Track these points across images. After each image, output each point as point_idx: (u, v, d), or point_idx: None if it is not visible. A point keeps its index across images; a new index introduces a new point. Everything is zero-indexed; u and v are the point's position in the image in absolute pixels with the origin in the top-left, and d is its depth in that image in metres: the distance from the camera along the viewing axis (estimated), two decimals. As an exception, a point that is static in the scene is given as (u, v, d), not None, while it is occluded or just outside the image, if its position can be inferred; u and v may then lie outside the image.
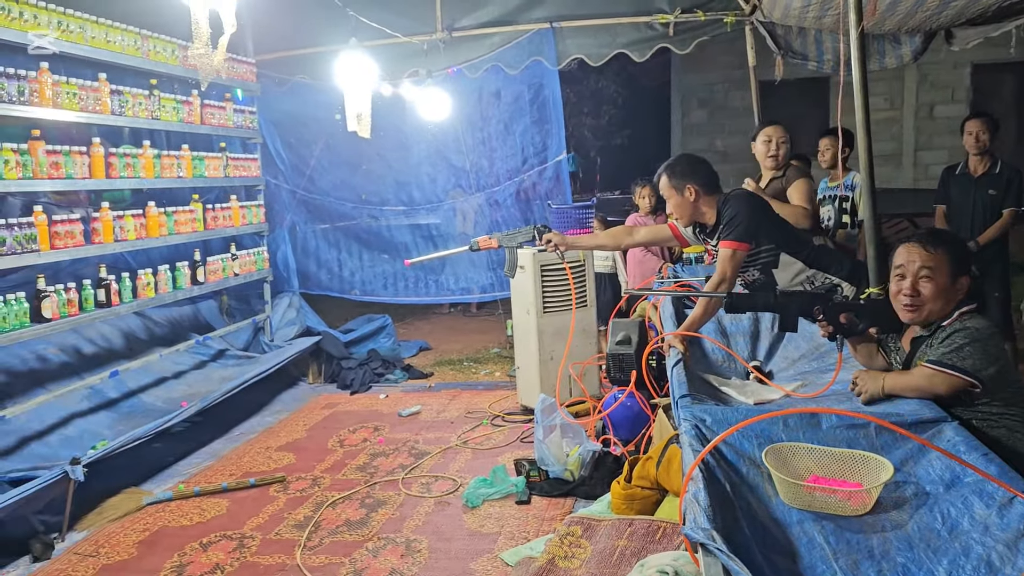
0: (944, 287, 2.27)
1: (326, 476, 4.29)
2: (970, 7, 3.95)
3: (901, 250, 2.36)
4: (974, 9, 3.98)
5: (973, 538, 1.67)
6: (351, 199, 6.77)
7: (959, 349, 2.18)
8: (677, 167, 3.31)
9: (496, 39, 5.82)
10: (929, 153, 9.93)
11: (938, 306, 2.29)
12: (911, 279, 2.29)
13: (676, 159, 3.41)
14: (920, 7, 4.04)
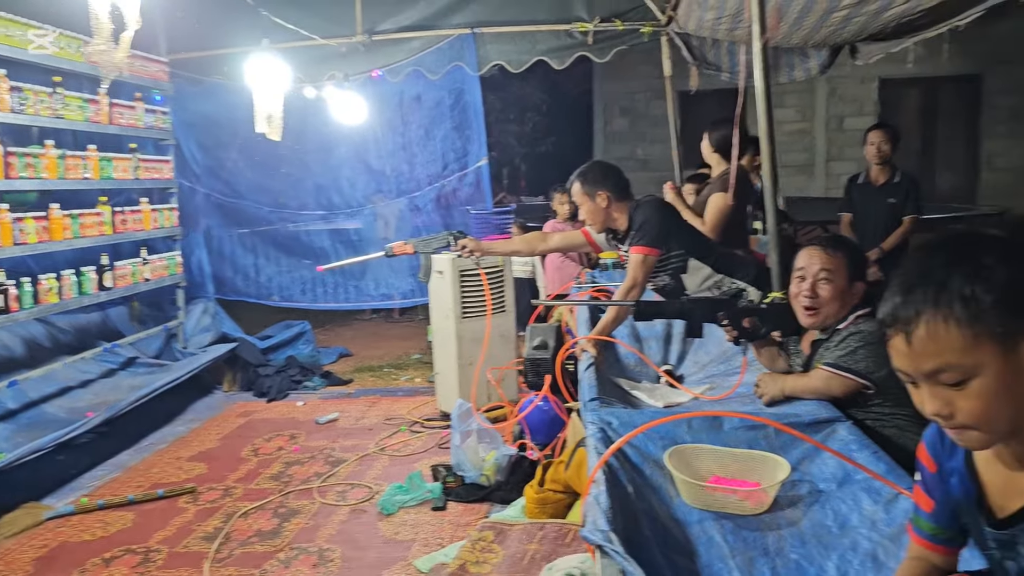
0: (842, 289, 2.36)
1: (238, 486, 4.18)
2: (871, 23, 4.12)
3: (803, 253, 2.46)
4: (875, 25, 4.15)
5: (861, 533, 1.73)
6: (269, 203, 6.64)
7: (853, 352, 2.27)
8: (589, 174, 3.36)
9: (417, 44, 5.80)
10: (840, 163, 10.30)
11: (835, 308, 2.37)
12: (811, 280, 2.38)
13: (588, 166, 3.46)
14: (824, 22, 4.20)
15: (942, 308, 0.99)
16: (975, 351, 0.98)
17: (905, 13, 3.85)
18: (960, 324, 0.98)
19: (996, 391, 0.99)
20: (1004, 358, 0.98)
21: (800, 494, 1.96)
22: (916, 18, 3.96)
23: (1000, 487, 1.13)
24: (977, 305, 0.97)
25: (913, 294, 1.02)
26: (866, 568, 1.63)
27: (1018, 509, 1.09)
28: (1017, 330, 0.98)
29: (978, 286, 0.98)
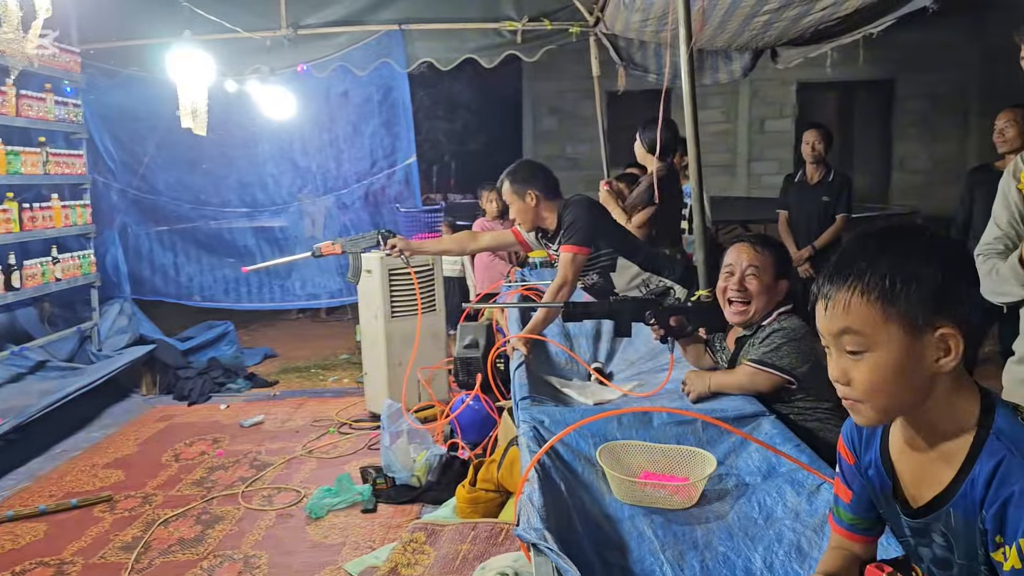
0: (768, 285, 2.42)
1: (158, 493, 4.04)
2: (790, 29, 4.24)
3: (732, 250, 2.51)
4: (794, 31, 4.27)
5: (786, 525, 1.77)
6: (189, 200, 6.44)
7: (777, 349, 2.32)
8: (518, 173, 3.36)
9: (343, 39, 5.71)
10: (761, 164, 10.59)
11: (762, 303, 2.43)
12: (739, 276, 2.44)
13: (517, 165, 3.47)
14: (747, 26, 4.30)
15: (861, 284, 1.07)
16: (881, 327, 1.06)
17: (822, 20, 3.98)
18: (872, 301, 1.06)
19: (888, 369, 1.07)
20: (905, 343, 1.06)
21: (727, 488, 1.99)
22: (833, 25, 4.09)
23: (913, 477, 1.18)
24: (892, 286, 1.05)
25: (844, 269, 1.10)
26: (791, 559, 1.67)
27: (931, 499, 1.14)
28: (925, 324, 1.05)
29: (900, 275, 1.05)
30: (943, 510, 1.12)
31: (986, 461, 1.05)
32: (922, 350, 1.06)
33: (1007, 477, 1.02)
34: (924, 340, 1.06)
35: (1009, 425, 1.07)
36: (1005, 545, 1.02)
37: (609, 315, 2.62)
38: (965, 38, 9.63)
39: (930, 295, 1.05)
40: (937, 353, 1.06)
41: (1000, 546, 1.03)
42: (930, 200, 9.75)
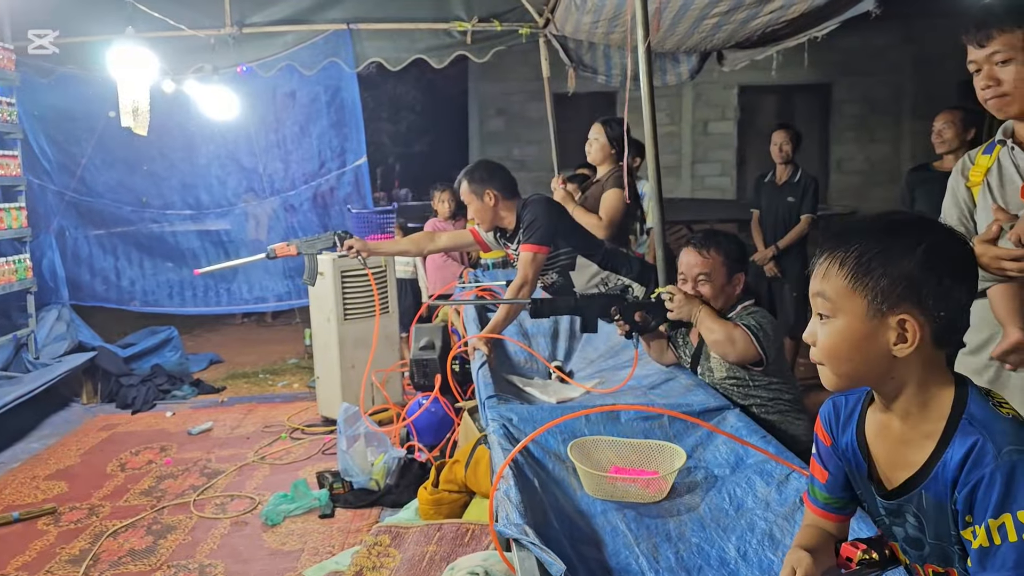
0: (721, 286, 2.48)
1: (105, 504, 3.91)
2: (739, 31, 4.32)
3: (681, 254, 2.57)
4: (742, 33, 4.36)
5: (757, 514, 1.80)
6: (130, 202, 6.26)
7: (759, 326, 2.37)
8: (476, 173, 3.36)
9: (290, 38, 5.61)
10: (705, 165, 10.77)
11: (718, 304, 2.48)
12: (691, 283, 2.50)
13: (475, 165, 3.46)
14: (696, 28, 4.36)
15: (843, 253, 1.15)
16: (846, 298, 1.14)
17: (770, 23, 4.07)
18: (845, 273, 1.14)
19: (845, 337, 1.14)
20: (864, 319, 1.13)
21: (696, 480, 2.02)
22: (779, 28, 4.18)
23: (888, 460, 1.22)
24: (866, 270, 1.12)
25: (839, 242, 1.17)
26: (764, 546, 1.70)
27: (904, 481, 1.18)
28: (887, 307, 1.11)
29: (876, 258, 1.12)
30: (916, 492, 1.16)
31: (959, 445, 1.09)
32: (878, 330, 1.12)
33: (979, 460, 1.06)
34: (883, 321, 1.12)
35: (981, 410, 1.10)
36: (974, 524, 1.07)
37: (576, 311, 2.64)
38: (898, 44, 9.95)
39: (898, 283, 1.10)
40: (894, 337, 1.11)
41: (969, 525, 1.08)
42: (867, 200, 10.06)
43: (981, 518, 1.05)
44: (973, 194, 1.97)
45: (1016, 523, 1.02)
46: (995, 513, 1.04)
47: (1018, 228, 1.76)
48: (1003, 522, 1.03)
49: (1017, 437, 1.06)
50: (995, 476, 1.04)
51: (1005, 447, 1.05)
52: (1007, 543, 1.03)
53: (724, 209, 9.37)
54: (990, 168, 1.92)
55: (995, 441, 1.06)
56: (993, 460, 1.05)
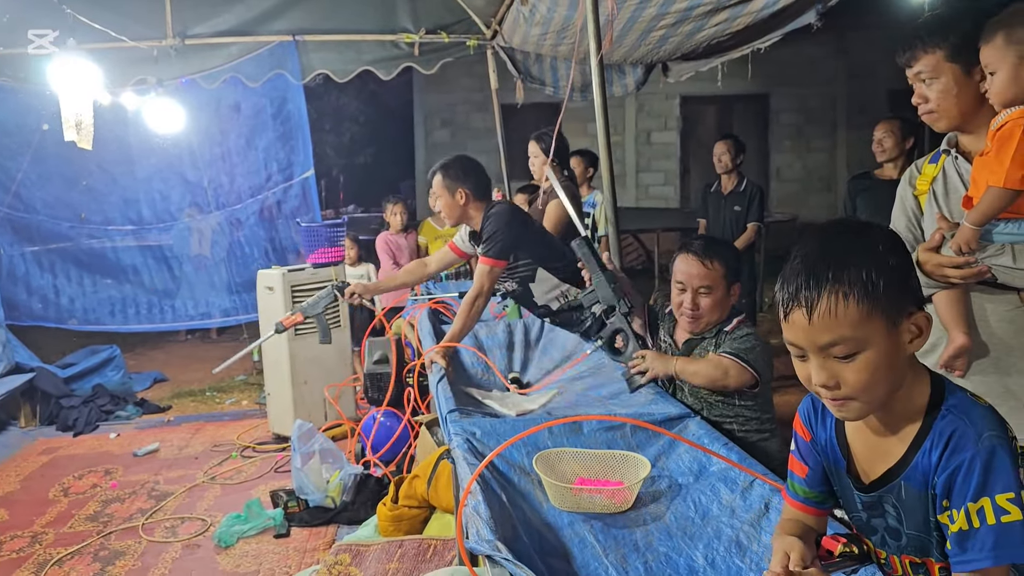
0: (720, 298, 2.43)
1: (48, 531, 3.78)
2: (685, 43, 4.41)
3: (680, 262, 2.46)
4: (688, 45, 4.44)
5: (723, 521, 1.82)
6: (68, 218, 6.08)
7: (752, 348, 2.34)
8: (452, 169, 3.33)
9: (234, 49, 5.53)
10: (648, 175, 10.94)
11: (715, 316, 2.45)
12: (691, 294, 2.41)
13: (453, 160, 3.43)
14: (644, 40, 4.44)
15: (843, 285, 1.09)
16: (866, 326, 1.09)
17: (715, 35, 4.16)
18: (857, 301, 1.08)
19: (879, 365, 1.10)
20: (888, 335, 1.10)
21: (661, 489, 2.03)
22: (724, 40, 4.28)
23: (867, 454, 1.25)
24: (872, 285, 1.08)
25: (816, 272, 1.10)
26: (731, 554, 1.72)
27: (883, 473, 1.21)
28: (900, 309, 1.11)
29: (873, 268, 1.09)
30: (895, 483, 1.19)
31: (941, 433, 1.12)
32: (900, 337, 1.12)
33: (960, 446, 1.09)
34: (901, 328, 1.11)
35: (959, 399, 1.15)
36: (952, 509, 1.10)
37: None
38: (831, 55, 10.27)
39: (901, 284, 1.11)
40: (910, 336, 1.12)
41: (946, 509, 1.11)
42: (805, 208, 10.33)
43: (960, 502, 1.08)
44: (920, 202, 2.04)
45: (995, 506, 1.05)
46: (974, 497, 1.06)
47: (959, 237, 1.84)
48: (982, 505, 1.06)
49: (995, 423, 1.11)
50: (975, 461, 1.07)
51: (985, 432, 1.08)
52: (985, 526, 1.06)
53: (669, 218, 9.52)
54: (936, 177, 1.99)
55: (975, 426, 1.10)
56: (974, 445, 1.08)
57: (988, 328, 1.91)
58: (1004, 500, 1.05)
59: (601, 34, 2.93)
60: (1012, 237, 1.79)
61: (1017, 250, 1.78)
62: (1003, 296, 1.87)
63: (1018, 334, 1.88)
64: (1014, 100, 1.75)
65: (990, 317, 1.90)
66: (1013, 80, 1.74)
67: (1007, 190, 1.72)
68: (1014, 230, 1.78)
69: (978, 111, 1.88)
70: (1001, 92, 1.76)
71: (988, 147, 1.79)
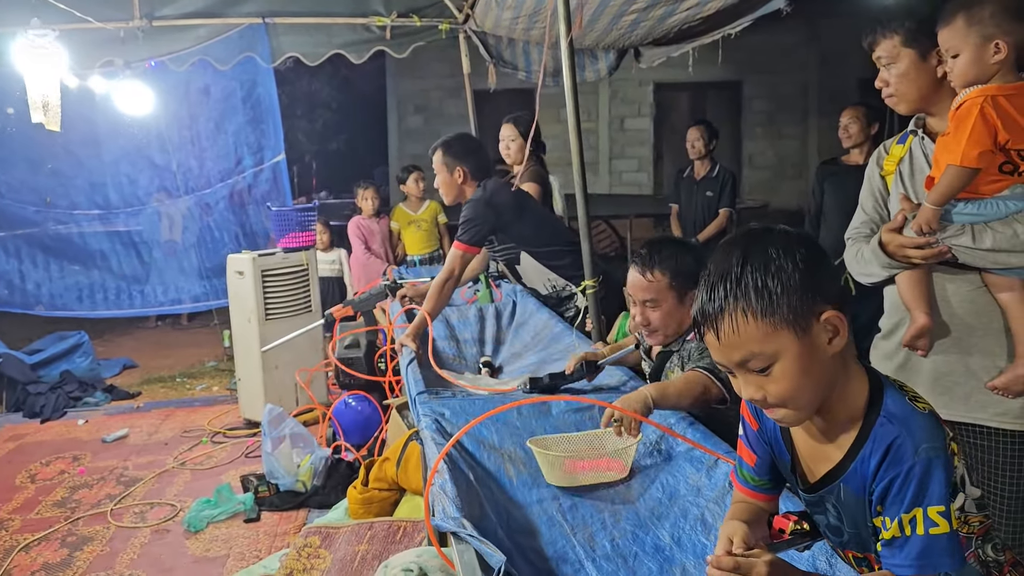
0: (670, 310, 2.22)
1: (15, 517, 3.74)
2: (656, 28, 4.41)
3: (629, 273, 2.30)
4: (659, 30, 4.45)
5: (689, 500, 1.84)
6: (33, 202, 5.98)
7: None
8: (453, 146, 3.34)
9: (203, 31, 5.43)
10: (622, 161, 10.96)
11: (672, 328, 2.26)
12: (640, 307, 2.25)
13: (455, 137, 3.43)
14: (615, 25, 4.43)
15: (740, 301, 1.09)
16: (774, 338, 1.09)
17: (686, 20, 4.16)
18: (757, 315, 1.08)
19: (796, 372, 1.10)
20: (799, 341, 1.09)
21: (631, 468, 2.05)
22: (695, 25, 4.29)
23: (809, 452, 1.25)
24: (769, 296, 1.08)
25: (716, 291, 1.11)
26: (696, 532, 1.74)
27: (823, 475, 1.22)
28: (806, 314, 1.09)
29: (768, 278, 1.08)
30: (835, 484, 1.20)
31: (879, 441, 1.12)
32: (815, 340, 1.10)
33: (898, 457, 1.10)
34: (813, 331, 1.10)
35: (898, 406, 1.14)
36: (885, 516, 1.12)
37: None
38: (803, 42, 10.33)
39: (805, 287, 1.08)
40: (827, 336, 1.11)
41: (881, 515, 1.13)
42: (777, 194, 10.41)
43: (895, 512, 1.10)
44: (887, 183, 2.06)
45: (926, 518, 1.07)
46: (908, 507, 1.08)
47: (919, 217, 1.86)
48: (914, 515, 1.08)
49: (933, 433, 1.11)
50: (912, 472, 1.08)
51: (923, 444, 1.09)
52: (915, 535, 1.08)
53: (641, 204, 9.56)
54: (903, 157, 2.02)
55: (913, 438, 1.09)
56: (911, 457, 1.08)
57: (949, 308, 1.94)
58: (934, 513, 1.07)
59: (571, 18, 2.91)
60: (971, 217, 1.81)
61: (977, 230, 1.81)
62: (964, 276, 1.90)
63: (979, 314, 1.90)
64: (975, 81, 1.77)
65: (951, 297, 1.93)
66: (975, 62, 1.76)
67: (965, 168, 1.74)
68: (973, 210, 1.81)
69: (938, 93, 1.91)
70: (963, 74, 1.79)
71: (949, 128, 1.82)
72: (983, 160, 1.74)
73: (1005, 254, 1.79)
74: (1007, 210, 1.78)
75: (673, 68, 6.19)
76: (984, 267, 1.84)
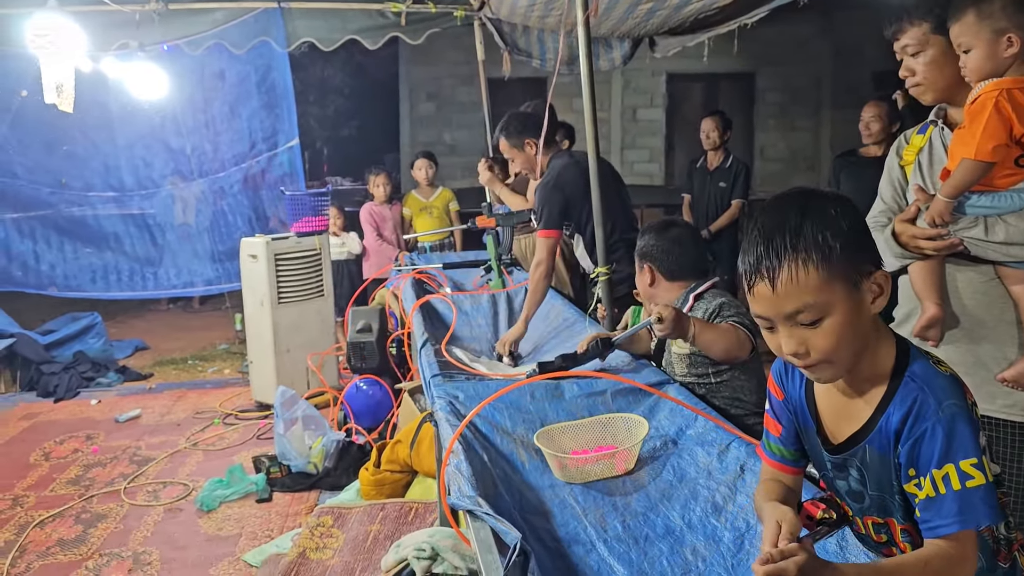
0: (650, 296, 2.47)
1: (30, 494, 3.79)
2: (672, 17, 4.41)
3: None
4: (675, 19, 4.45)
5: (699, 483, 1.87)
6: (49, 184, 6.02)
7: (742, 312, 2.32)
8: (510, 126, 3.40)
9: (219, 15, 5.44)
10: (633, 152, 10.93)
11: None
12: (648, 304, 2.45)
13: (507, 120, 3.49)
14: (631, 14, 4.43)
15: (800, 252, 1.11)
16: (828, 290, 1.11)
17: (702, 9, 4.16)
18: (816, 266, 1.10)
19: (844, 327, 1.13)
20: (850, 296, 1.13)
21: (641, 453, 2.07)
22: (711, 15, 4.28)
23: (834, 416, 1.28)
24: (829, 249, 1.10)
25: (774, 242, 1.13)
26: (707, 513, 1.76)
27: (849, 436, 1.24)
28: (859, 271, 1.13)
29: (828, 232, 1.11)
30: (860, 446, 1.22)
31: (902, 401, 1.15)
32: (863, 297, 1.14)
33: (921, 415, 1.12)
34: (863, 288, 1.14)
35: (923, 369, 1.16)
36: (919, 476, 1.12)
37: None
38: (818, 34, 10.26)
39: (858, 244, 1.13)
40: (872, 295, 1.15)
41: (913, 478, 1.14)
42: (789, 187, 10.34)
43: (925, 470, 1.11)
44: (906, 173, 2.07)
45: (959, 472, 1.08)
46: (939, 463, 1.09)
47: (932, 209, 1.87)
48: (947, 472, 1.09)
49: (955, 392, 1.13)
50: (936, 429, 1.10)
51: (945, 401, 1.11)
52: (951, 491, 1.08)
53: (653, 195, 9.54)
54: (922, 148, 2.02)
55: (936, 396, 1.12)
56: (935, 414, 1.11)
57: (959, 300, 1.95)
58: (968, 466, 1.07)
59: (588, 2, 2.92)
60: (984, 210, 1.82)
61: (989, 222, 1.82)
62: (975, 268, 1.91)
63: (990, 306, 1.91)
64: (990, 75, 1.78)
65: (961, 289, 1.94)
66: (989, 56, 1.77)
67: (978, 162, 1.75)
68: (987, 203, 1.81)
69: (962, 83, 1.90)
70: (978, 69, 1.79)
71: (964, 121, 1.83)
72: (997, 154, 1.75)
73: (1018, 247, 1.80)
74: (1021, 203, 1.79)
75: (687, 59, 6.17)
76: (996, 260, 1.85)
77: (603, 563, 1.62)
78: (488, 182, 4.55)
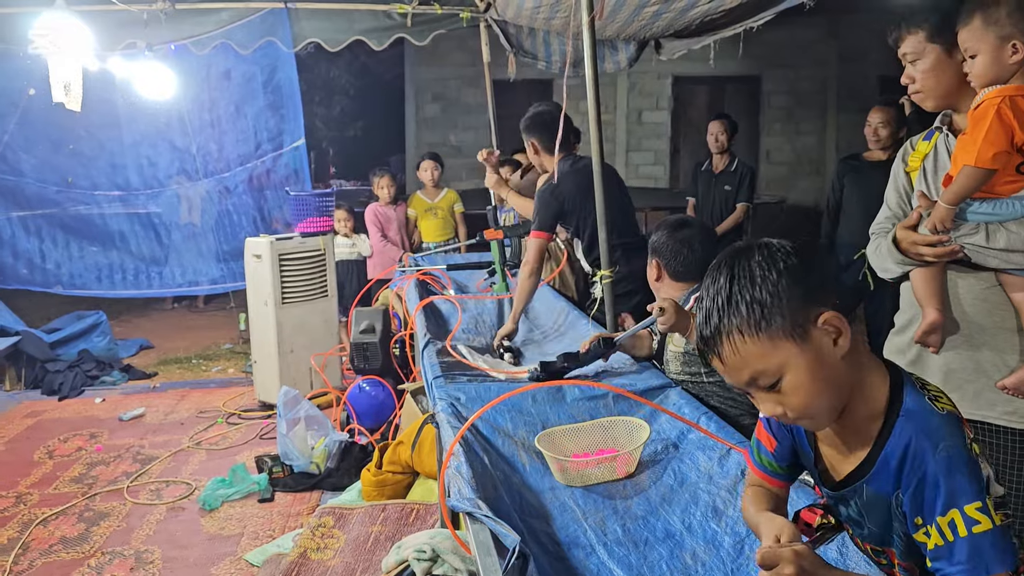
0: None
1: (33, 492, 3.81)
2: (678, 20, 4.41)
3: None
4: (681, 22, 4.44)
5: (700, 487, 1.87)
6: (55, 182, 6.04)
7: None
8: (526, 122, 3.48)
9: (225, 15, 5.46)
10: (639, 154, 10.92)
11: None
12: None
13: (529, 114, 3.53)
14: (636, 16, 4.43)
15: (734, 320, 1.08)
16: (775, 352, 1.08)
17: (708, 12, 4.15)
18: (753, 334, 1.07)
19: (808, 382, 1.09)
20: (801, 350, 1.08)
21: (641, 457, 2.08)
22: (717, 18, 4.28)
23: (832, 454, 1.24)
24: (761, 308, 1.07)
25: (710, 316, 1.10)
26: (707, 518, 1.77)
27: (846, 475, 1.20)
28: (802, 320, 1.08)
29: (756, 291, 1.07)
30: (858, 484, 1.18)
31: (896, 441, 1.11)
32: (818, 345, 1.09)
33: (917, 459, 1.08)
34: (814, 336, 1.08)
35: (916, 404, 1.12)
36: (926, 524, 1.08)
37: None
38: (823, 38, 10.26)
39: (792, 295, 1.07)
40: (830, 339, 1.09)
41: (920, 527, 1.09)
42: (794, 190, 10.37)
43: (931, 518, 1.07)
44: (912, 179, 2.06)
45: (964, 517, 1.04)
46: (943, 511, 1.06)
47: (933, 215, 1.87)
48: (951, 518, 1.05)
49: (951, 431, 1.09)
50: (935, 474, 1.06)
51: (941, 443, 1.07)
52: (959, 538, 1.04)
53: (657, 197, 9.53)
54: (927, 154, 2.02)
55: (931, 439, 1.08)
56: (932, 458, 1.07)
57: (960, 306, 1.94)
58: (972, 511, 1.04)
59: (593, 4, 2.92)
60: (986, 216, 1.82)
61: (990, 229, 1.81)
62: (975, 274, 1.90)
63: (990, 312, 1.91)
64: (994, 81, 1.77)
65: (962, 295, 1.93)
66: (994, 62, 1.76)
67: (980, 169, 1.75)
68: (988, 209, 1.81)
69: (964, 89, 1.90)
70: (982, 75, 1.79)
71: (967, 128, 1.83)
72: (999, 161, 1.74)
73: (1019, 254, 1.79)
74: (1022, 210, 1.79)
75: (692, 61, 6.17)
76: (997, 267, 1.85)
77: (603, 567, 1.62)
78: (495, 185, 4.55)
